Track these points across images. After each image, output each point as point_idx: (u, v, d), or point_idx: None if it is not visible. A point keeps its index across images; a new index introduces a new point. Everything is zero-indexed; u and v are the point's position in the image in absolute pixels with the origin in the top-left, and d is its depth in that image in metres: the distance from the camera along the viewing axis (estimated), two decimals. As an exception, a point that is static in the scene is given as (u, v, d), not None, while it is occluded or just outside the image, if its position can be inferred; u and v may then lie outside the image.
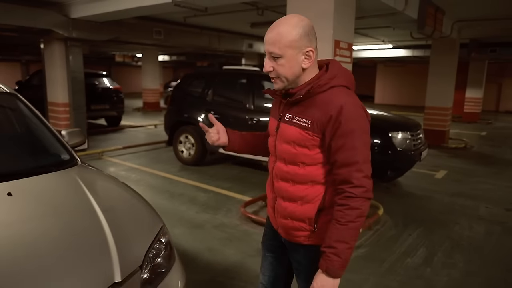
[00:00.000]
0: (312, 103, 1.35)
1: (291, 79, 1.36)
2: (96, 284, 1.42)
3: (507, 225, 4.09)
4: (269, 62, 1.35)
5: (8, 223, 1.63)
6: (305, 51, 1.31)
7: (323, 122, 1.31)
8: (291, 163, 1.42)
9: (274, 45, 1.30)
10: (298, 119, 1.37)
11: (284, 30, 1.29)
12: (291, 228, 1.48)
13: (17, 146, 2.53)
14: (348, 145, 1.29)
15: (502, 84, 18.44)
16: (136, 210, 2.04)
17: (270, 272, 1.71)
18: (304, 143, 1.36)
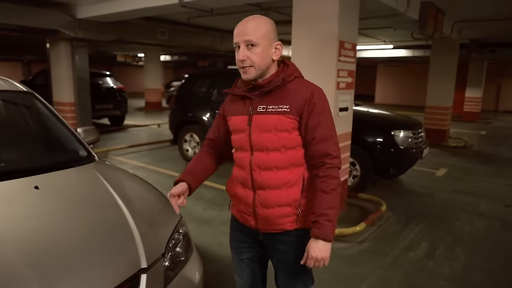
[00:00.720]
0: (285, 91, 1.48)
1: (262, 68, 1.47)
2: (125, 269, 1.52)
3: (506, 220, 4.20)
4: (244, 52, 1.44)
5: (37, 214, 1.73)
6: (275, 44, 1.48)
7: (300, 105, 1.46)
8: (273, 150, 1.50)
9: (251, 34, 1.42)
10: (275, 107, 1.48)
11: (261, 22, 1.45)
12: (277, 217, 1.54)
13: (38, 143, 2.64)
14: (323, 122, 1.48)
15: (501, 84, 18.57)
16: (155, 203, 2.14)
17: (249, 273, 1.75)
18: (285, 127, 1.47)
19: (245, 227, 1.66)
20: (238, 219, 1.69)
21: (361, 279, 2.92)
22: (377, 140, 4.86)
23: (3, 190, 1.84)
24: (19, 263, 1.35)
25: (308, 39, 3.84)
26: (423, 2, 5.61)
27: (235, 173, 1.65)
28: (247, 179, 1.56)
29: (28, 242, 1.49)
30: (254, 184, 1.55)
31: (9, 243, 1.45)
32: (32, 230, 1.58)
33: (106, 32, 7.36)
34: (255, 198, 1.56)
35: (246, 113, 1.54)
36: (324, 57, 3.76)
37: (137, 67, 27.37)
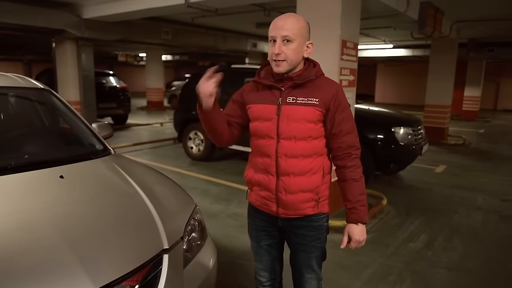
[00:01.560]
0: (314, 86, 1.60)
1: (294, 64, 1.58)
2: (150, 250, 1.65)
3: (503, 214, 4.35)
4: (280, 46, 1.53)
5: (65, 201, 1.85)
6: (307, 43, 1.59)
7: (328, 99, 1.58)
8: (301, 139, 1.60)
9: (289, 31, 1.51)
10: (304, 99, 1.58)
11: (299, 20, 1.56)
12: (300, 202, 1.64)
13: (58, 137, 2.78)
14: (348, 117, 1.62)
15: (500, 83, 18.72)
16: (171, 191, 2.28)
17: (268, 257, 1.85)
18: (312, 118, 1.58)
19: (264, 214, 1.75)
20: (258, 206, 1.76)
21: (364, 267, 3.07)
22: (378, 136, 5.00)
23: (31, 180, 1.97)
24: (60, 242, 1.48)
25: (311, 38, 3.97)
26: (422, 2, 5.75)
27: (256, 161, 1.72)
28: (271, 165, 1.64)
29: (61, 226, 1.61)
30: (279, 170, 1.62)
31: (45, 226, 1.58)
32: (62, 216, 1.69)
33: (111, 31, 7.50)
34: (278, 183, 1.64)
35: (274, 102, 1.62)
36: (327, 55, 3.89)
37: (138, 67, 27.50)
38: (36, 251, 1.43)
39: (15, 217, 1.61)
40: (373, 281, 2.88)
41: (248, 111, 1.71)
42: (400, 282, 2.86)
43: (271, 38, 1.57)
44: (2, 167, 1.98)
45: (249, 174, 1.77)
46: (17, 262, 1.36)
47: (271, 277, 1.88)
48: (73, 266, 1.39)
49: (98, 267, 1.43)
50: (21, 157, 2.25)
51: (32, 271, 1.34)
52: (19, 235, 1.50)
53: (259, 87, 1.69)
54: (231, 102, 1.82)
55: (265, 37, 10.28)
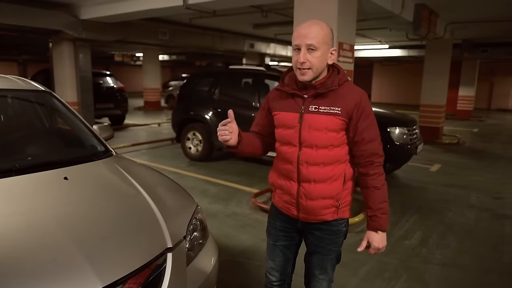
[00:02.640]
0: (336, 94, 1.60)
1: (319, 71, 1.58)
2: (154, 248, 1.70)
3: (495, 211, 4.44)
4: (305, 54, 1.54)
5: (70, 202, 1.89)
6: (331, 50, 1.60)
7: (351, 107, 1.59)
8: (322, 147, 1.62)
9: (314, 39, 1.52)
10: (326, 108, 1.59)
11: (323, 27, 1.56)
12: (321, 208, 1.67)
13: (60, 139, 2.83)
14: (371, 125, 1.63)
15: (494, 82, 18.92)
16: (173, 191, 2.34)
17: (281, 257, 1.88)
18: (334, 127, 1.60)
19: (285, 215, 1.80)
20: (280, 208, 1.81)
21: (361, 263, 3.14)
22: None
23: (37, 181, 2.01)
24: (67, 241, 1.53)
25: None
26: (417, 4, 5.84)
27: (279, 166, 1.76)
28: (293, 171, 1.68)
29: (68, 225, 1.66)
30: (300, 177, 1.66)
31: (53, 226, 1.63)
32: (69, 216, 1.74)
33: (109, 32, 7.53)
34: (300, 190, 1.68)
35: (297, 110, 1.65)
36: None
37: (134, 67, 27.46)
38: (45, 250, 1.47)
39: (25, 218, 1.66)
40: (369, 277, 2.95)
41: (274, 118, 1.75)
42: (396, 278, 2.94)
43: (295, 46, 1.58)
44: (8, 169, 2.03)
45: (273, 178, 1.83)
46: (26, 260, 1.41)
47: (281, 277, 1.92)
48: (80, 264, 1.43)
49: (105, 265, 1.48)
50: (25, 159, 2.29)
51: (41, 269, 1.38)
52: (28, 235, 1.55)
53: (283, 94, 1.72)
54: (261, 110, 1.87)
55: (263, 37, 10.37)
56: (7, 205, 1.75)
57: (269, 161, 6.69)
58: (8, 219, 1.64)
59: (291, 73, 1.72)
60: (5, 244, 1.48)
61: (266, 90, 6.29)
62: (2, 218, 1.63)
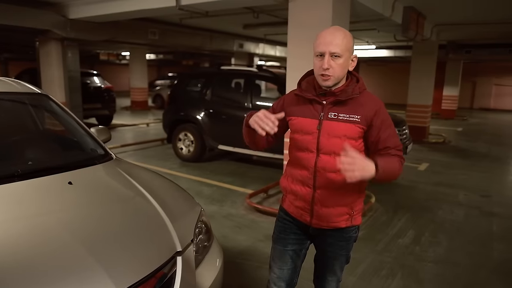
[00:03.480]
0: (356, 102, 1.62)
1: (340, 78, 1.60)
2: (165, 252, 1.71)
3: (483, 209, 4.59)
4: (328, 61, 1.55)
5: (77, 206, 1.87)
6: (352, 57, 1.62)
7: (370, 116, 1.60)
8: (340, 154, 1.55)
9: (338, 47, 1.53)
10: (346, 116, 1.60)
11: (346, 35, 1.58)
12: (335, 215, 1.68)
13: (59, 142, 2.80)
14: (392, 133, 1.65)
15: (476, 82, 19.41)
16: (177, 194, 2.36)
17: (290, 265, 1.85)
18: (353, 135, 1.61)
19: (297, 221, 1.80)
20: (292, 213, 1.81)
21: (357, 262, 3.21)
22: (365, 137, 5.16)
23: (41, 186, 1.99)
24: (79, 247, 1.54)
25: (303, 43, 4.09)
26: (405, 7, 5.96)
27: (293, 172, 1.76)
28: (309, 178, 1.68)
29: (78, 231, 1.66)
30: (316, 183, 1.67)
31: (63, 231, 1.63)
32: (78, 221, 1.74)
33: (98, 32, 7.42)
34: (315, 196, 1.68)
35: (316, 117, 1.65)
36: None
37: (120, 66, 27.07)
38: (57, 255, 1.48)
39: (34, 224, 1.65)
40: (366, 276, 3.03)
41: (289, 122, 1.75)
42: (391, 276, 3.03)
43: (318, 53, 1.58)
44: (10, 175, 2.00)
45: (285, 183, 1.82)
46: (39, 265, 1.41)
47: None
48: (94, 270, 1.44)
49: (119, 271, 1.49)
50: (26, 164, 2.26)
51: (54, 274, 1.39)
52: (38, 240, 1.54)
53: (301, 100, 1.71)
54: (272, 111, 1.77)
55: (252, 37, 10.36)
56: (15, 211, 1.74)
57: (260, 162, 6.74)
58: (18, 225, 1.63)
59: (308, 78, 1.74)
60: (17, 250, 1.47)
61: (258, 90, 6.34)
62: (11, 225, 1.63)
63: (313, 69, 1.66)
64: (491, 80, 19.08)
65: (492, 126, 12.89)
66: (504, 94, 18.96)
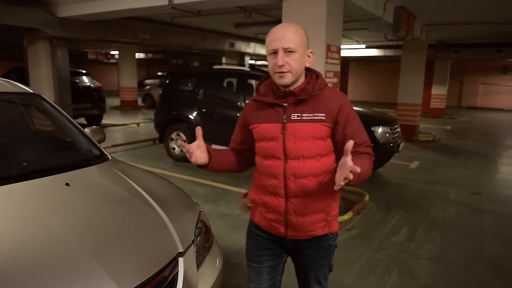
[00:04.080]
0: (318, 99, 1.52)
1: (298, 74, 1.51)
2: (167, 253, 1.70)
3: (474, 206, 4.67)
4: (283, 57, 1.46)
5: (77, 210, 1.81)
6: (308, 52, 1.53)
7: (335, 112, 1.50)
8: (309, 158, 1.52)
9: (291, 41, 1.45)
10: (310, 115, 1.50)
11: (298, 29, 1.50)
12: (311, 223, 1.57)
13: (54, 143, 2.75)
14: (358, 128, 1.56)
15: (463, 81, 19.73)
16: (176, 195, 2.34)
17: (268, 282, 1.74)
18: (321, 135, 1.51)
19: (270, 234, 1.67)
20: (264, 227, 1.68)
21: (353, 261, 3.24)
22: (358, 135, 5.21)
23: (38, 188, 1.95)
24: (81, 249, 1.52)
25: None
26: (396, 7, 6.02)
27: (262, 182, 1.64)
28: (279, 187, 1.56)
29: (80, 233, 1.63)
30: (288, 192, 1.55)
31: (64, 233, 1.60)
32: (78, 223, 1.71)
33: (88, 31, 7.32)
34: (288, 206, 1.56)
35: (278, 121, 1.54)
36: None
37: (108, 65, 26.78)
38: (59, 258, 1.45)
39: (34, 226, 1.62)
40: (363, 274, 3.05)
41: (253, 131, 1.64)
42: (388, 273, 3.05)
43: (271, 50, 1.49)
44: (5, 176, 1.96)
45: (254, 195, 1.71)
46: (42, 267, 1.39)
47: None
48: (97, 272, 1.42)
49: (122, 273, 1.48)
50: (21, 166, 2.21)
51: (58, 277, 1.37)
52: (40, 242, 1.52)
53: (261, 105, 1.61)
54: (237, 127, 1.77)
55: (243, 37, 10.36)
56: (12, 214, 1.70)
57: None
58: (18, 227, 1.60)
59: (266, 82, 1.64)
60: (20, 253, 1.44)
61: (251, 90, 6.33)
62: (11, 227, 1.60)
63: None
64: (478, 79, 19.43)
65: (479, 124, 13.12)
66: (490, 92, 19.33)
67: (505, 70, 18.26)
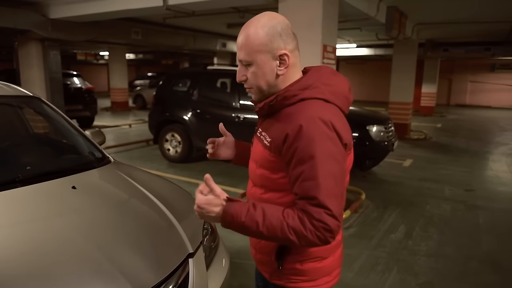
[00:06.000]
0: (278, 118, 1.14)
1: (265, 89, 1.15)
2: (178, 255, 1.71)
3: (468, 203, 4.77)
4: (242, 70, 1.16)
5: (86, 213, 1.82)
6: (278, 54, 1.11)
7: (279, 143, 1.10)
8: (256, 185, 1.25)
9: (242, 51, 1.12)
10: (264, 136, 1.18)
11: (252, 32, 1.10)
12: (259, 261, 1.34)
13: (55, 146, 2.74)
14: (307, 175, 1.03)
15: (452, 79, 20.04)
16: (181, 196, 2.35)
17: None
18: (264, 163, 1.17)
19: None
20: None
21: (353, 259, 3.28)
22: (353, 134, 5.24)
23: (44, 192, 1.94)
24: (95, 252, 1.52)
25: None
26: (389, 7, 6.10)
27: None
28: None
29: (92, 236, 1.63)
30: None
31: (76, 236, 1.60)
32: (89, 225, 1.71)
33: (80, 32, 7.25)
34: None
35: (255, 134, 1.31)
36: (309, 59, 4.08)
37: (98, 66, 26.51)
38: (72, 261, 1.46)
39: (45, 229, 1.62)
40: (363, 271, 3.10)
41: None
42: (388, 271, 3.11)
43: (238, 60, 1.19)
44: (11, 180, 1.95)
45: None
46: (55, 271, 1.39)
47: None
48: (112, 275, 1.43)
49: (136, 275, 1.49)
50: (24, 169, 2.20)
51: (71, 280, 1.37)
52: (53, 245, 1.52)
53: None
54: None
55: (234, 36, 10.47)
56: (22, 217, 1.70)
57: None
58: (29, 230, 1.60)
59: None
60: (35, 255, 1.45)
61: (245, 90, 6.32)
62: (21, 229, 1.60)
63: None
64: (467, 77, 19.74)
65: (469, 122, 13.34)
66: (479, 90, 19.66)
67: (493, 68, 18.62)
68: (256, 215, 1.05)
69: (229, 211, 1.08)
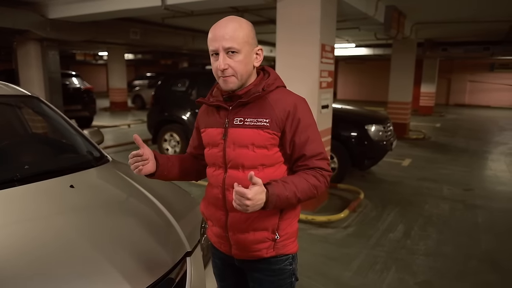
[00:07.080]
0: (265, 103, 1.33)
1: (245, 77, 1.33)
2: (176, 253, 1.71)
3: (466, 202, 4.77)
4: (225, 59, 1.27)
5: (84, 211, 1.83)
6: (256, 49, 1.34)
7: (282, 119, 1.31)
8: (250, 167, 1.33)
9: (232, 40, 1.25)
10: (253, 120, 1.32)
11: (241, 25, 1.29)
12: (252, 242, 1.37)
13: (54, 145, 2.74)
14: (312, 138, 1.34)
15: (451, 79, 20.05)
16: (178, 195, 2.35)
17: None
18: (263, 143, 1.32)
19: (220, 252, 1.52)
20: (214, 243, 1.54)
21: (351, 258, 3.28)
22: (352, 134, 5.28)
23: (42, 191, 1.94)
24: (93, 251, 1.52)
25: (292, 43, 4.14)
26: (387, 6, 6.10)
27: (207, 192, 1.49)
28: (219, 198, 1.40)
29: (90, 234, 1.63)
30: (227, 205, 1.38)
31: (74, 235, 1.60)
32: (88, 224, 1.71)
33: (79, 32, 7.24)
34: (228, 220, 1.39)
35: (221, 125, 1.38)
36: (308, 59, 4.08)
37: (97, 66, 26.51)
38: (71, 259, 1.46)
39: (44, 228, 1.62)
40: (362, 270, 3.09)
41: (201, 136, 1.50)
42: (386, 270, 3.11)
43: (212, 51, 1.30)
44: (9, 179, 1.95)
45: (202, 207, 1.54)
46: (54, 270, 1.39)
47: None
48: (110, 273, 1.43)
49: (134, 273, 1.49)
50: (23, 168, 2.20)
51: (70, 278, 1.37)
52: (51, 244, 1.52)
53: (209, 108, 1.46)
54: (194, 131, 1.62)
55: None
56: (20, 216, 1.70)
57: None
58: (27, 229, 1.60)
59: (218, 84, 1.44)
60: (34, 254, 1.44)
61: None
62: (19, 228, 1.60)
63: None
64: (466, 77, 19.76)
65: (468, 121, 13.35)
66: (478, 90, 19.67)
67: (492, 67, 18.63)
68: (291, 187, 1.28)
69: (274, 192, 1.23)
